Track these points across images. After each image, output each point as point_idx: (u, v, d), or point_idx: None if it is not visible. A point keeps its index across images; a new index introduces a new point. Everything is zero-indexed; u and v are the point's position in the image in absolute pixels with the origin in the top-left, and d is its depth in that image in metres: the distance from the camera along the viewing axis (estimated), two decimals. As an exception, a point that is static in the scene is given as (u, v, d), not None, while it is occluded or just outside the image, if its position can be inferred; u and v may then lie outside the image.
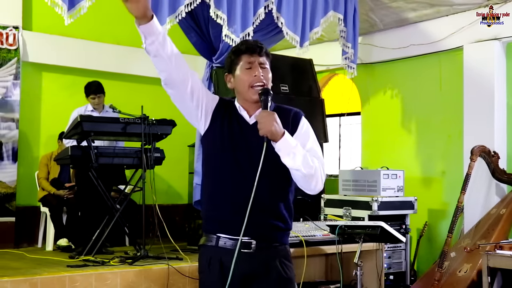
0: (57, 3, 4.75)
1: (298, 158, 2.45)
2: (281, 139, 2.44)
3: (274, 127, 2.42)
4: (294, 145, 2.46)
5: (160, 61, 2.61)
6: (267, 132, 2.43)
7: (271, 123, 2.43)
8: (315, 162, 2.49)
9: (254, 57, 2.61)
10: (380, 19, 6.93)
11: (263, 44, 2.68)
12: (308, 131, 2.63)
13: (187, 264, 5.32)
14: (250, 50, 2.61)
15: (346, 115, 7.97)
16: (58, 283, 4.64)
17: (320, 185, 2.53)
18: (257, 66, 2.61)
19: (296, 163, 2.45)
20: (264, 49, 2.65)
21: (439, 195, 6.58)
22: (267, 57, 2.66)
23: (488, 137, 5.92)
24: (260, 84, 2.60)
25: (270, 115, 2.47)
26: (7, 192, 6.80)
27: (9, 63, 6.85)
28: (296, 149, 2.45)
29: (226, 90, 6.37)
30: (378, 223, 4.04)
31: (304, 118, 2.68)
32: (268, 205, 2.53)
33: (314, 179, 2.50)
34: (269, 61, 2.67)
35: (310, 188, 2.52)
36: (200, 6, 5.49)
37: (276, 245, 2.56)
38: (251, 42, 2.68)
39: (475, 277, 5.16)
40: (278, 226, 2.56)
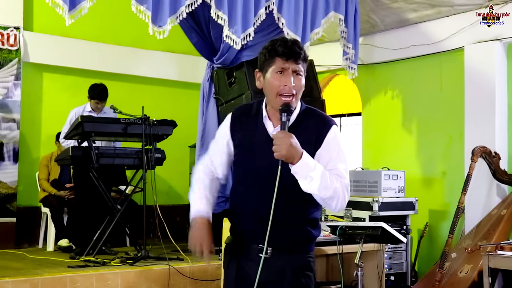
0: (58, 3, 4.75)
1: (315, 182, 2.32)
2: (297, 163, 2.30)
3: (288, 152, 2.29)
4: (312, 167, 2.32)
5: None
6: (281, 156, 2.30)
7: (286, 147, 2.28)
8: (335, 183, 2.36)
9: (289, 63, 2.42)
10: (381, 19, 6.93)
11: (303, 47, 2.48)
12: (334, 147, 2.44)
13: (188, 265, 5.33)
14: (287, 54, 2.41)
15: (347, 115, 7.97)
16: (59, 284, 4.64)
17: (341, 205, 2.40)
18: (290, 74, 2.42)
19: (312, 187, 2.33)
20: (302, 54, 2.43)
21: (440, 196, 6.57)
22: (304, 63, 2.45)
23: (489, 138, 5.92)
24: (289, 94, 2.42)
25: (286, 137, 2.30)
26: (8, 193, 6.80)
27: (10, 64, 6.86)
28: (314, 172, 2.31)
29: (226, 90, 6.38)
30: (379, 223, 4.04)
31: (334, 130, 2.47)
32: (286, 219, 2.45)
33: (335, 200, 2.38)
34: (305, 67, 2.48)
35: (331, 208, 2.42)
36: (201, 7, 5.49)
37: (293, 254, 2.49)
38: (290, 43, 2.44)
39: (476, 277, 5.16)
40: (297, 237, 2.50)
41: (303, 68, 2.45)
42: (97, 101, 6.10)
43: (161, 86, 8.19)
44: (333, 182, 2.35)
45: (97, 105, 6.12)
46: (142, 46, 7.82)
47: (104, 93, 6.12)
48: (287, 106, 2.41)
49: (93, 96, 6.10)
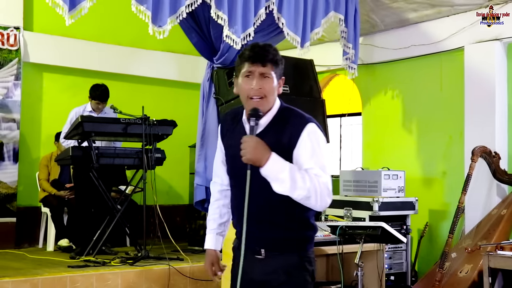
0: (58, 3, 4.75)
1: (286, 183, 2.33)
2: (264, 166, 2.34)
3: (253, 155, 2.34)
4: (281, 169, 2.34)
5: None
6: (247, 160, 2.35)
7: (250, 151, 2.34)
8: (308, 183, 2.34)
9: (256, 66, 2.46)
10: (381, 19, 6.93)
11: (272, 51, 2.49)
12: (308, 145, 2.44)
13: (188, 265, 5.33)
14: (252, 58, 2.45)
15: (347, 115, 7.97)
16: (59, 284, 4.65)
17: (321, 204, 2.39)
18: (256, 76, 2.46)
19: (283, 188, 2.35)
20: (269, 57, 2.47)
21: (440, 196, 6.58)
22: (274, 65, 2.48)
23: (489, 138, 5.92)
24: (258, 96, 2.46)
25: (251, 141, 2.36)
26: (8, 193, 6.80)
27: (10, 64, 6.86)
28: (283, 173, 2.33)
29: (226, 90, 6.38)
30: (379, 223, 4.04)
31: (310, 128, 2.48)
32: (273, 219, 2.50)
33: (311, 200, 2.37)
34: (276, 69, 2.49)
35: (312, 207, 2.42)
36: (201, 7, 5.49)
37: (285, 254, 2.52)
38: (258, 48, 2.48)
39: (476, 277, 5.16)
40: (286, 237, 2.52)
41: (273, 71, 2.48)
42: (98, 101, 6.10)
43: (161, 86, 8.19)
44: (306, 182, 2.34)
45: (98, 106, 6.12)
46: (142, 46, 7.82)
47: (105, 94, 6.12)
48: (254, 111, 2.45)
49: (95, 97, 6.10)
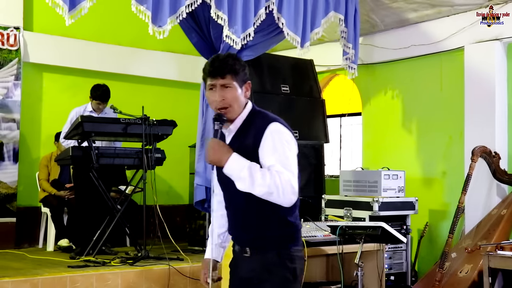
0: (58, 3, 4.74)
1: (246, 181, 2.44)
2: (225, 166, 2.48)
3: (213, 157, 2.50)
4: (240, 168, 2.45)
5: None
6: (209, 162, 2.53)
7: (210, 153, 2.50)
8: (268, 179, 2.43)
9: (216, 80, 2.60)
10: (381, 19, 6.93)
11: (230, 61, 2.63)
12: (269, 143, 2.52)
13: (188, 265, 5.33)
14: (211, 73, 2.61)
15: (347, 115, 7.96)
16: (59, 284, 4.65)
17: (285, 198, 2.47)
18: (218, 88, 2.60)
19: (244, 186, 2.46)
20: (227, 68, 2.59)
21: (440, 196, 6.57)
22: (233, 74, 2.61)
23: (489, 138, 5.92)
24: (222, 107, 2.60)
25: (211, 143, 2.53)
26: (8, 193, 6.80)
27: (10, 64, 6.86)
28: (243, 172, 2.45)
29: (227, 90, 6.37)
30: (379, 223, 4.03)
31: (272, 127, 2.56)
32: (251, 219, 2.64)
33: (274, 195, 2.45)
34: (237, 77, 2.62)
35: (278, 203, 2.49)
36: (201, 7, 5.49)
37: (268, 252, 2.62)
38: (217, 62, 2.63)
39: (476, 277, 5.16)
40: (266, 236, 2.63)
41: (234, 80, 2.61)
42: (99, 101, 6.10)
43: (161, 86, 8.19)
44: (265, 178, 2.43)
45: (98, 106, 6.12)
46: (142, 46, 7.82)
47: (106, 94, 6.12)
48: (218, 115, 2.61)
49: (96, 97, 6.10)
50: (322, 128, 6.68)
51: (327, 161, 6.96)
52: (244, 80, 2.66)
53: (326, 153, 6.73)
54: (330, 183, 7.08)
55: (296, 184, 2.51)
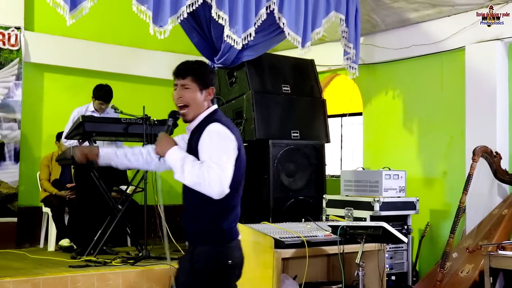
0: (59, 3, 4.75)
1: (178, 171, 2.72)
2: (165, 157, 2.80)
3: (158, 148, 2.84)
4: (177, 159, 2.75)
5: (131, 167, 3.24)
6: (156, 152, 2.88)
7: (157, 144, 2.85)
8: (197, 170, 2.67)
9: (178, 80, 2.93)
10: (381, 19, 6.93)
11: (194, 65, 2.94)
12: (206, 141, 2.77)
13: (188, 265, 5.31)
14: (175, 73, 2.94)
15: (348, 115, 7.97)
16: (60, 284, 4.65)
17: (211, 190, 2.67)
18: (178, 88, 2.91)
19: (177, 175, 2.74)
20: (187, 70, 2.91)
21: (441, 196, 6.57)
22: (195, 78, 2.89)
23: (490, 138, 5.91)
24: (179, 105, 2.91)
25: (159, 136, 2.88)
26: (9, 193, 6.81)
27: (11, 64, 6.86)
28: (178, 162, 2.73)
29: (227, 90, 6.39)
30: (380, 223, 4.03)
31: (210, 127, 2.79)
32: (186, 214, 2.93)
33: (202, 186, 2.68)
34: (199, 81, 2.89)
35: (207, 193, 2.69)
36: (202, 7, 5.49)
37: (197, 246, 2.86)
38: (182, 64, 2.96)
39: (477, 277, 5.15)
40: (195, 231, 2.89)
41: (195, 82, 2.89)
42: (101, 102, 6.10)
43: (162, 86, 8.17)
44: (195, 169, 2.69)
45: (101, 106, 6.12)
46: (143, 46, 7.82)
47: (109, 95, 6.12)
48: (172, 112, 3.00)
49: (98, 97, 6.10)
50: (323, 128, 6.68)
51: (328, 161, 6.96)
52: (207, 85, 2.92)
53: (327, 153, 6.73)
54: (331, 183, 7.08)
55: (225, 179, 2.69)
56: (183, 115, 2.93)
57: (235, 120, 6.24)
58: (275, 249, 4.00)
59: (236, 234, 2.90)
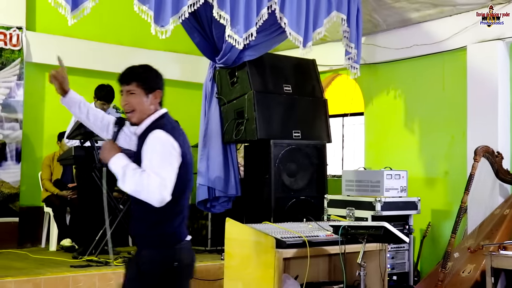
0: (61, 3, 4.75)
1: (120, 178, 2.74)
2: (108, 164, 2.81)
3: (102, 155, 2.85)
4: (119, 166, 2.76)
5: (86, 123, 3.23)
6: (101, 158, 2.88)
7: (102, 151, 2.86)
8: (138, 178, 2.69)
9: (122, 86, 2.95)
10: (383, 19, 6.93)
11: (137, 69, 2.99)
12: (147, 149, 2.78)
13: (190, 265, 5.31)
14: (119, 80, 2.97)
15: (349, 115, 7.96)
16: (61, 283, 4.65)
17: (151, 198, 2.69)
18: (124, 94, 2.94)
19: (119, 182, 2.75)
20: (133, 76, 2.93)
21: (442, 196, 6.57)
22: (139, 83, 2.91)
23: (492, 138, 5.91)
24: (127, 110, 2.92)
25: (104, 143, 2.91)
26: (11, 193, 6.81)
27: (13, 64, 6.87)
28: (120, 170, 2.74)
29: (229, 90, 6.38)
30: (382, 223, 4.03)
31: (153, 134, 2.80)
32: (135, 216, 2.92)
33: (142, 194, 2.70)
34: (144, 85, 2.91)
35: (147, 200, 2.71)
36: (203, 7, 5.49)
37: (142, 249, 2.89)
38: (126, 70, 2.99)
39: (479, 277, 5.15)
40: (138, 234, 2.92)
41: (139, 87, 2.91)
42: (103, 102, 6.10)
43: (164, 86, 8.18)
44: (135, 177, 2.70)
45: (103, 106, 6.12)
46: (144, 46, 7.82)
47: (111, 95, 6.12)
48: (119, 119, 3.03)
49: (100, 97, 6.10)
50: (324, 128, 6.67)
51: (330, 161, 6.95)
52: (153, 88, 2.93)
53: (329, 153, 6.73)
54: (333, 183, 7.08)
55: (165, 187, 2.70)
56: (128, 118, 2.94)
57: (237, 120, 6.24)
58: (277, 249, 3.99)
59: (184, 235, 2.91)
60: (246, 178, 6.44)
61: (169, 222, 2.84)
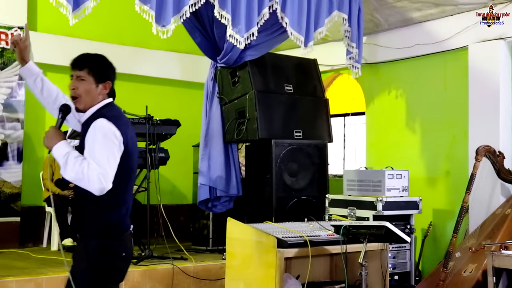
0: (62, 3, 4.76)
1: (62, 166, 2.76)
2: (51, 151, 2.83)
3: (45, 142, 2.87)
4: (61, 154, 2.77)
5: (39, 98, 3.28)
6: (45, 145, 2.88)
7: (44, 138, 2.87)
8: (78, 167, 2.71)
9: (74, 71, 2.99)
10: (384, 18, 6.92)
11: (90, 57, 3.03)
12: (89, 138, 2.80)
13: (191, 264, 5.34)
14: (72, 64, 3.01)
15: (350, 115, 7.96)
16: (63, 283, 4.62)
17: (91, 186, 2.71)
18: (74, 78, 2.99)
19: (62, 170, 2.77)
20: (85, 63, 2.97)
21: (444, 195, 6.56)
22: (91, 70, 2.95)
23: (493, 137, 5.90)
24: (72, 95, 2.97)
25: (48, 130, 2.88)
26: (12, 192, 6.82)
27: (14, 64, 6.88)
28: (62, 158, 2.76)
29: (230, 89, 6.39)
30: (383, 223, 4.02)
31: (96, 123, 2.81)
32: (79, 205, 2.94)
33: (82, 182, 2.72)
34: (95, 74, 2.96)
35: (87, 189, 2.73)
36: (205, 6, 5.49)
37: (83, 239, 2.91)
38: (80, 56, 3.03)
39: (480, 277, 5.14)
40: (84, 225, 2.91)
41: (90, 75, 2.96)
42: None
43: (165, 85, 8.19)
44: (75, 165, 2.73)
45: None
46: (145, 45, 7.82)
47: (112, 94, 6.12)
48: (63, 106, 3.01)
49: None
50: (325, 128, 6.67)
51: (331, 160, 6.96)
52: (104, 79, 2.99)
53: (330, 152, 6.73)
54: (334, 182, 7.07)
55: (106, 176, 2.72)
56: (74, 103, 2.97)
57: (238, 120, 6.24)
58: (278, 248, 3.99)
59: (128, 226, 2.96)
60: (248, 178, 6.44)
61: (114, 212, 2.87)
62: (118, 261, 2.88)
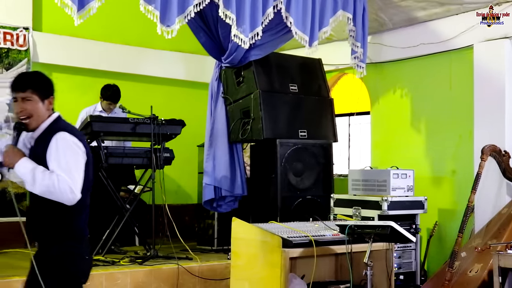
0: (67, 3, 4.77)
1: (29, 182, 2.87)
2: (14, 168, 2.91)
3: (4, 160, 2.91)
4: (26, 171, 2.87)
5: None
6: (4, 164, 2.95)
7: (4, 157, 2.91)
8: (47, 180, 2.81)
9: (17, 93, 2.97)
10: (389, 18, 6.91)
11: (30, 77, 3.02)
12: (52, 151, 2.88)
13: (197, 264, 5.34)
14: (12, 87, 2.98)
15: (355, 114, 7.95)
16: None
17: (63, 198, 2.83)
18: (19, 101, 2.97)
19: (28, 186, 2.89)
20: (26, 83, 2.96)
21: (449, 195, 6.55)
22: (34, 89, 2.95)
23: (499, 136, 5.88)
24: (22, 117, 2.97)
25: (5, 148, 2.93)
26: (18, 192, 6.82)
27: (20, 64, 6.90)
28: (27, 174, 2.87)
29: (235, 89, 6.39)
30: (388, 223, 4.02)
31: (58, 136, 2.90)
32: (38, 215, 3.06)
33: (54, 195, 2.84)
34: (39, 92, 2.96)
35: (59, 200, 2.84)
36: (209, 6, 5.49)
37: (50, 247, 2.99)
38: (20, 77, 3.01)
39: (486, 277, 5.13)
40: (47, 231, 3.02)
41: (35, 94, 2.96)
42: (109, 102, 6.12)
43: (170, 85, 8.20)
44: (45, 180, 2.82)
45: (109, 106, 6.15)
46: (150, 45, 7.83)
47: (117, 95, 6.14)
48: (17, 124, 3.00)
49: (106, 97, 6.12)
50: (330, 127, 6.67)
51: (336, 160, 6.95)
52: (47, 95, 3.02)
53: (335, 152, 6.72)
54: (339, 182, 7.07)
55: (75, 186, 2.85)
56: (26, 125, 2.99)
57: (243, 120, 6.24)
58: (283, 248, 3.99)
59: (87, 232, 3.11)
60: (252, 178, 6.44)
61: (77, 218, 3.02)
62: (83, 264, 3.02)
